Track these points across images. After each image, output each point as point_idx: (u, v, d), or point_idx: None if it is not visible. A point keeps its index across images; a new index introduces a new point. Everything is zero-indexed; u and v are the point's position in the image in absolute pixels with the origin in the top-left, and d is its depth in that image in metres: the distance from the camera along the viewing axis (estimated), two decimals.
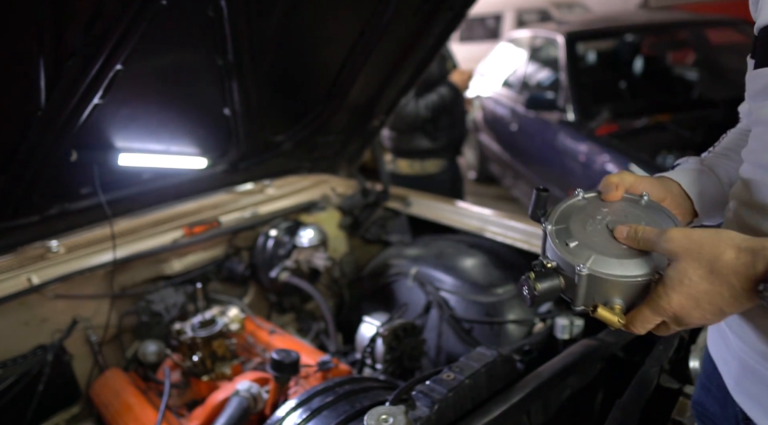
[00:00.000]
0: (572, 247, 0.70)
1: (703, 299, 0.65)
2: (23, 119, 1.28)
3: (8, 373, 1.68)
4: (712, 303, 0.65)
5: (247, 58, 1.52)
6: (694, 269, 0.65)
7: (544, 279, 0.71)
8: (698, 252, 0.64)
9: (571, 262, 0.69)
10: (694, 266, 0.65)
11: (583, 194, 0.80)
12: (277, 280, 2.11)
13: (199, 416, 1.57)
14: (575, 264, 0.68)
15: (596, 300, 0.70)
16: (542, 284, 0.71)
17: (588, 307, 0.71)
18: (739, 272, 0.62)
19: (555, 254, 0.71)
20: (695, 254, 0.65)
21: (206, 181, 1.95)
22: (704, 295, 0.65)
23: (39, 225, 1.61)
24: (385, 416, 1.05)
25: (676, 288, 0.66)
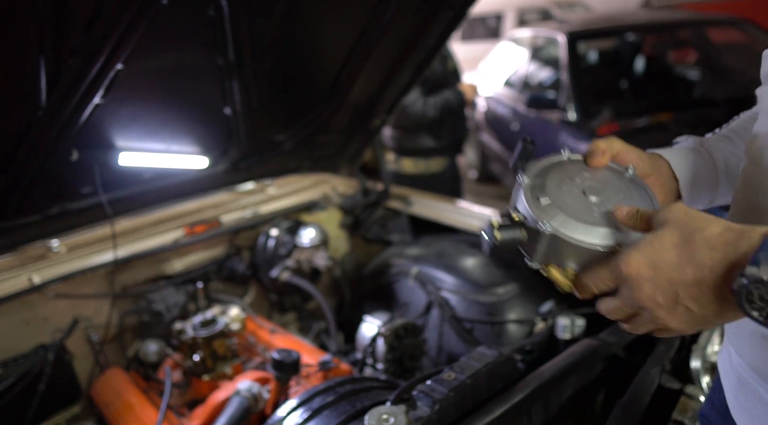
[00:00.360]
0: (543, 204, 0.68)
1: (663, 272, 0.58)
2: (24, 118, 1.28)
3: (9, 372, 1.68)
4: (670, 281, 0.57)
5: (247, 57, 1.52)
6: (671, 235, 0.58)
7: (507, 230, 0.69)
8: (685, 222, 0.58)
9: (537, 218, 0.67)
10: (673, 232, 0.58)
11: (569, 154, 0.78)
12: (278, 280, 2.11)
13: (200, 415, 1.57)
14: (540, 221, 0.66)
15: (552, 261, 0.68)
16: (503, 234, 0.69)
17: (542, 265, 0.69)
18: (715, 248, 0.55)
19: (524, 207, 0.69)
20: (681, 224, 0.58)
21: (207, 180, 1.95)
22: (666, 266, 0.57)
23: (40, 225, 1.61)
24: (386, 416, 1.05)
25: (641, 249, 0.59)
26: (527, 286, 1.86)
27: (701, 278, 0.56)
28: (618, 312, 0.65)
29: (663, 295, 0.58)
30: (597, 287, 0.65)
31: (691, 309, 0.58)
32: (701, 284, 0.56)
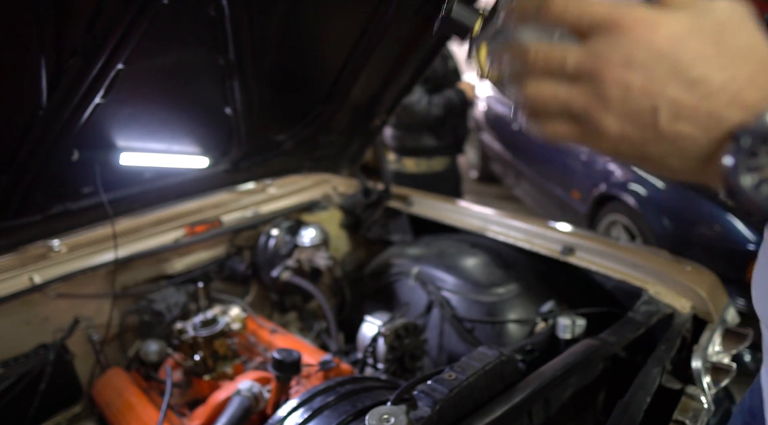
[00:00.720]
0: None
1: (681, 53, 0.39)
2: (25, 118, 1.28)
3: (10, 372, 1.68)
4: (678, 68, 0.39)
5: (248, 57, 1.52)
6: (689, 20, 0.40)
7: (467, 9, 0.64)
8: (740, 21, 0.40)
9: (499, 8, 0.59)
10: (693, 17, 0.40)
11: None
12: (278, 279, 2.11)
13: (200, 415, 1.57)
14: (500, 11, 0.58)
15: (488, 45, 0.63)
16: (462, 10, 0.63)
17: (478, 46, 0.62)
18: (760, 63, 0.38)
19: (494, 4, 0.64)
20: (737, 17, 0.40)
21: (208, 180, 1.95)
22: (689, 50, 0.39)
23: (41, 225, 1.61)
24: (387, 416, 1.05)
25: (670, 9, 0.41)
26: (528, 286, 1.86)
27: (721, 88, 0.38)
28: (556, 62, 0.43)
29: (646, 79, 0.39)
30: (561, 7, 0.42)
31: (660, 120, 0.40)
32: (712, 97, 0.38)
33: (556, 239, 1.89)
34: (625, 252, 1.72)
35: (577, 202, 3.85)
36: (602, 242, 1.80)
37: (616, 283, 1.74)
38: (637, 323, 1.48)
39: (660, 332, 1.46)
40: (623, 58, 0.39)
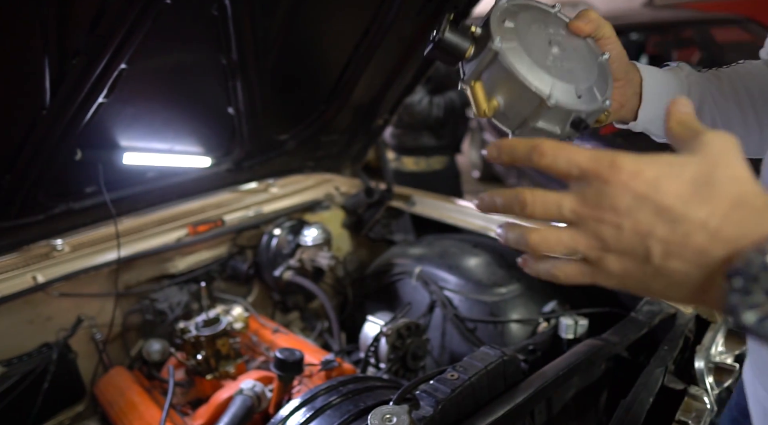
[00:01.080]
0: (506, 26, 0.65)
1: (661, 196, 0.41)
2: (28, 117, 1.28)
3: (13, 371, 1.68)
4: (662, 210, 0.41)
5: (250, 56, 1.52)
6: (697, 167, 0.42)
7: (457, 33, 0.66)
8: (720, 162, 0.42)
9: (492, 33, 0.63)
10: (701, 164, 0.42)
11: (558, 8, 0.72)
12: (281, 279, 2.11)
13: (203, 415, 1.57)
14: (494, 37, 0.63)
15: (481, 78, 0.66)
16: (452, 35, 0.66)
17: (471, 79, 0.66)
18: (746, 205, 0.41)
19: (486, 23, 0.66)
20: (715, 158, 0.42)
21: (210, 180, 1.95)
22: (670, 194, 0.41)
23: (43, 224, 1.62)
24: (389, 415, 1.05)
25: (650, 160, 0.43)
26: (530, 286, 1.85)
27: (704, 227, 0.41)
28: (553, 211, 0.46)
29: (637, 223, 0.42)
30: (550, 158, 0.45)
31: (652, 256, 0.42)
32: (697, 233, 0.41)
33: None
34: None
35: None
36: None
37: None
38: (639, 323, 1.48)
39: (663, 332, 1.46)
40: (611, 204, 0.43)
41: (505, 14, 0.66)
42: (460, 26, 0.66)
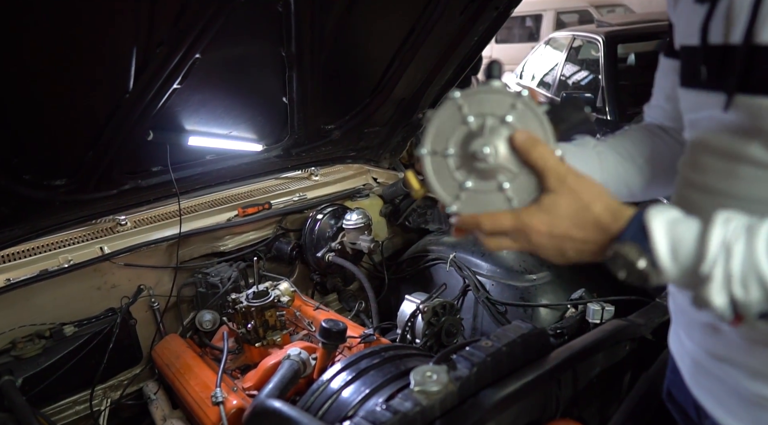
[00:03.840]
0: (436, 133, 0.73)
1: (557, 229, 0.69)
2: (113, 100, 1.44)
3: (83, 332, 1.86)
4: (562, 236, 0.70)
5: (307, 50, 1.65)
6: (566, 204, 0.69)
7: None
8: (578, 192, 0.68)
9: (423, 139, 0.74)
10: (568, 201, 0.69)
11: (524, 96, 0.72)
12: (323, 260, 2.25)
13: (252, 378, 1.71)
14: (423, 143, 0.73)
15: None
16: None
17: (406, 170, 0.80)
18: (597, 227, 0.68)
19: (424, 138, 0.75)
20: (575, 193, 0.68)
21: (261, 165, 2.10)
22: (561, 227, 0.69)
23: (114, 199, 1.78)
24: (430, 373, 1.16)
25: (542, 209, 0.69)
26: (559, 274, 1.95)
27: (587, 241, 0.69)
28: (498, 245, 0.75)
29: (552, 244, 0.71)
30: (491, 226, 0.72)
31: (570, 256, 0.71)
32: (586, 244, 0.70)
33: None
34: None
35: None
36: None
37: None
38: (664, 308, 1.55)
39: None
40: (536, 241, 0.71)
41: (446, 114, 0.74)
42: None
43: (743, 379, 0.77)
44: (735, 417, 0.81)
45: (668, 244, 0.63)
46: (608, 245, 0.67)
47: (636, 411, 1.34)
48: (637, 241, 0.65)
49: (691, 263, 0.62)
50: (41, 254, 1.89)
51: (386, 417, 1.05)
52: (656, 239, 0.63)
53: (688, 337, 0.89)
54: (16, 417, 1.45)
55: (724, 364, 0.80)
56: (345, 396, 1.37)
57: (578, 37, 5.18)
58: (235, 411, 1.53)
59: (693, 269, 0.61)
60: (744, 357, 0.76)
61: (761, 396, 0.75)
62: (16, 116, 1.34)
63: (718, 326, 0.78)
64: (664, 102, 1.01)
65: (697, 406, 0.90)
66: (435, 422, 1.10)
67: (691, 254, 0.62)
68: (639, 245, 0.64)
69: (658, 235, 0.64)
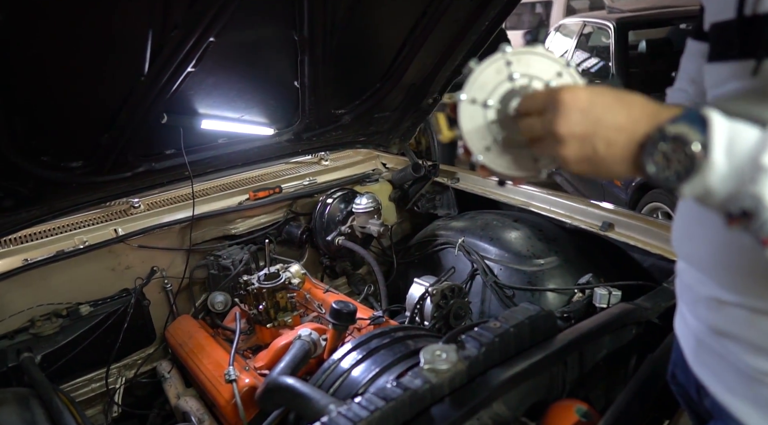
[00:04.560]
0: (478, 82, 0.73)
1: (597, 108, 0.64)
2: (129, 84, 1.46)
3: (98, 311, 1.90)
4: (598, 119, 0.64)
5: (319, 34, 1.66)
6: (609, 89, 0.66)
7: None
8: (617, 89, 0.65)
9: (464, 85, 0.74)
10: (609, 88, 0.66)
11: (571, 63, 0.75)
12: (332, 243, 2.27)
13: (263, 357, 1.75)
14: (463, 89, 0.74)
15: None
16: None
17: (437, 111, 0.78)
18: (645, 108, 0.64)
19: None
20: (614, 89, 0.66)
21: (272, 149, 2.12)
22: (602, 106, 0.64)
23: (129, 181, 1.81)
24: (439, 352, 1.19)
25: (584, 86, 0.66)
26: (567, 259, 1.96)
27: (626, 125, 0.63)
28: (529, 129, 0.70)
29: (584, 127, 0.64)
30: (525, 106, 0.69)
31: (598, 149, 0.65)
32: (622, 131, 0.64)
33: (597, 215, 1.98)
34: (664, 229, 1.80)
35: (619, 188, 3.89)
36: (641, 219, 1.88)
37: (653, 260, 1.83)
38: (671, 292, 1.57)
39: None
40: (566, 118, 0.65)
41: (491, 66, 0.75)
42: None
43: (743, 354, 0.78)
44: (734, 393, 0.82)
45: (727, 132, 0.59)
46: (651, 132, 0.62)
47: (640, 392, 1.36)
48: (693, 123, 0.60)
49: (748, 154, 0.58)
50: (57, 236, 1.92)
51: (396, 393, 1.08)
52: (716, 124, 0.59)
53: (692, 314, 0.90)
54: (36, 392, 1.50)
55: (726, 339, 0.81)
56: (356, 374, 1.40)
57: (589, 24, 5.13)
58: (247, 389, 1.57)
59: (751, 159, 0.58)
60: (746, 330, 0.77)
61: (761, 371, 0.76)
62: (33, 99, 1.36)
63: (722, 298, 0.80)
64: (687, 85, 1.01)
65: (699, 385, 0.92)
66: (444, 399, 1.12)
67: (751, 144, 0.59)
68: (695, 126, 0.60)
69: (718, 121, 0.60)
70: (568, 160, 0.67)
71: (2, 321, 1.74)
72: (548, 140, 0.68)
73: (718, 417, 0.86)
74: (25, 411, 1.39)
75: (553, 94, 0.67)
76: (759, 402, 0.78)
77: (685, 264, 0.91)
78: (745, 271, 0.75)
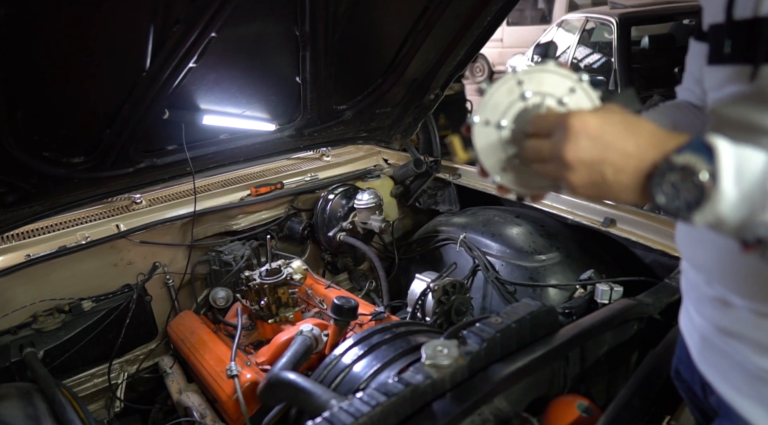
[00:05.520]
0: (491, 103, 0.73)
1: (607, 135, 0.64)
2: (130, 79, 1.46)
3: (101, 307, 1.91)
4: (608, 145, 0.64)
5: (321, 29, 1.66)
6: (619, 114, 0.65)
7: None
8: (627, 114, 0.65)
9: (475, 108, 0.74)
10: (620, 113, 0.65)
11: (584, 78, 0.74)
12: (334, 239, 2.27)
13: (265, 353, 1.75)
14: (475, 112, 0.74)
15: None
16: None
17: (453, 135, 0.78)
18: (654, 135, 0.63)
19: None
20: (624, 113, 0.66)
21: (273, 144, 2.12)
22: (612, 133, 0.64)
23: (131, 177, 1.81)
24: (441, 347, 1.19)
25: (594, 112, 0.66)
26: (569, 255, 1.96)
27: (634, 153, 0.63)
28: (536, 151, 0.70)
29: (592, 154, 0.64)
30: (535, 126, 0.69)
31: (606, 176, 0.64)
32: (631, 159, 0.63)
33: (599, 211, 1.98)
34: (666, 225, 1.79)
35: None
36: (643, 215, 1.88)
37: (655, 256, 1.83)
38: (673, 288, 1.57)
39: None
40: (574, 145, 0.65)
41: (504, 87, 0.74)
42: None
43: (750, 354, 0.78)
44: (740, 392, 0.82)
45: (734, 160, 0.59)
46: (658, 162, 0.62)
47: (642, 388, 1.36)
48: (699, 152, 0.59)
49: (759, 182, 0.58)
50: (59, 231, 1.93)
51: (398, 388, 1.08)
52: (723, 153, 0.59)
53: (697, 313, 0.90)
54: (39, 387, 1.50)
55: (732, 339, 0.81)
56: (357, 370, 1.40)
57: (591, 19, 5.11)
58: (249, 385, 1.57)
59: (762, 188, 0.58)
60: (753, 331, 0.77)
61: (767, 371, 0.76)
62: (35, 94, 1.36)
63: (728, 300, 0.80)
64: (693, 85, 1.01)
65: (704, 383, 0.92)
66: (445, 394, 1.13)
67: (760, 171, 0.58)
68: (702, 155, 0.59)
69: (724, 149, 0.59)
70: (575, 185, 0.67)
71: (5, 316, 1.74)
72: (555, 163, 0.67)
73: (724, 416, 0.86)
74: (28, 406, 1.40)
75: (563, 120, 0.66)
76: (765, 402, 0.78)
77: (690, 266, 0.91)
78: (752, 277, 0.74)
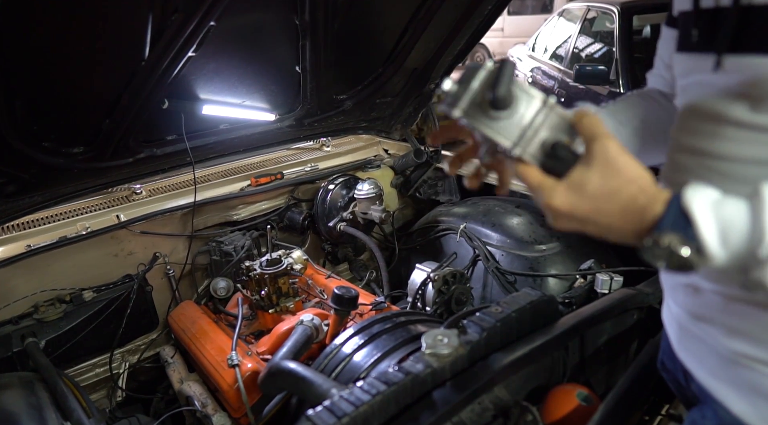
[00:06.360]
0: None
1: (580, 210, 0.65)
2: (129, 69, 1.45)
3: (101, 297, 1.91)
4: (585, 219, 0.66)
5: (321, 18, 1.65)
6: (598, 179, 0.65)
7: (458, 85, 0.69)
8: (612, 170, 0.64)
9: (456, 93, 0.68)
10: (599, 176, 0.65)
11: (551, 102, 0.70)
12: (334, 229, 2.27)
13: (266, 343, 1.76)
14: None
15: None
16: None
17: None
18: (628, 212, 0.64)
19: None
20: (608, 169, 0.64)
21: (274, 134, 2.11)
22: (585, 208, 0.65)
23: (130, 167, 1.80)
24: (441, 336, 1.19)
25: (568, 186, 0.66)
26: (569, 245, 1.96)
27: (614, 226, 0.66)
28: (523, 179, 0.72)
29: (573, 225, 0.68)
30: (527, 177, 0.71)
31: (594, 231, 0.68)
32: (611, 231, 0.67)
33: None
34: None
35: None
36: None
37: None
38: None
39: None
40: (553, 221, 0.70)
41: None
42: None
43: (721, 337, 0.79)
44: (715, 376, 0.83)
45: (717, 228, 0.59)
46: (643, 234, 0.63)
47: (641, 377, 1.37)
48: (679, 228, 0.60)
49: (745, 247, 0.59)
50: (60, 222, 1.93)
51: (398, 377, 1.08)
52: (702, 224, 0.60)
53: (673, 301, 0.91)
54: (41, 376, 1.51)
55: (704, 324, 0.82)
56: (357, 359, 1.40)
57: (593, 9, 5.07)
58: (250, 374, 1.58)
59: (748, 253, 0.59)
60: (721, 315, 0.78)
61: (738, 353, 0.77)
62: (34, 84, 1.36)
63: (698, 285, 0.80)
64: (663, 71, 1.02)
65: (685, 371, 0.93)
66: (445, 383, 1.13)
67: (745, 238, 0.58)
68: (681, 232, 0.60)
69: (703, 220, 0.60)
70: (561, 228, 0.70)
71: (6, 306, 1.75)
72: None
73: (703, 402, 0.87)
74: (30, 395, 1.40)
75: (541, 191, 0.68)
76: (738, 385, 0.79)
77: None
78: None
